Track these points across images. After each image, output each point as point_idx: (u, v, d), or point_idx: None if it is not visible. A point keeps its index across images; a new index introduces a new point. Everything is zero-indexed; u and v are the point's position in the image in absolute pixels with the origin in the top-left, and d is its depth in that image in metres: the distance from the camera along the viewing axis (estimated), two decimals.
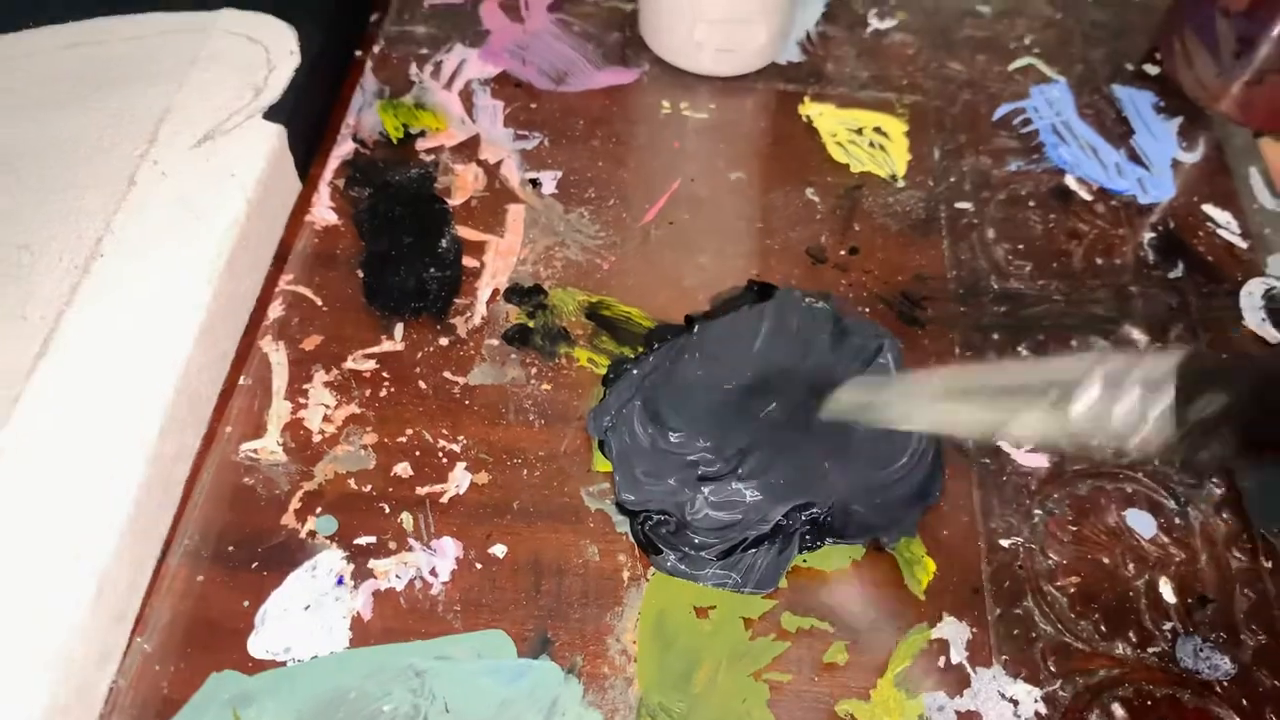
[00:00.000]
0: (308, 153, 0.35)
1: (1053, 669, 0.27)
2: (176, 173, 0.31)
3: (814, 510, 0.27)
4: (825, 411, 0.28)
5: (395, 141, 0.35)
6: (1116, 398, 0.20)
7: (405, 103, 0.36)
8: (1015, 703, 0.26)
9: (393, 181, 0.34)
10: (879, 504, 0.28)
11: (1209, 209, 0.37)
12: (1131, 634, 0.27)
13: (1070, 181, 0.37)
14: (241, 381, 0.30)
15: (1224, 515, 0.29)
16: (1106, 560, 0.29)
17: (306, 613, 0.26)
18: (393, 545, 0.27)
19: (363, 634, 0.26)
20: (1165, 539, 0.29)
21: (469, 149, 0.36)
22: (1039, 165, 0.38)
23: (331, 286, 0.32)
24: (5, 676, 0.22)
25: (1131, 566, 0.28)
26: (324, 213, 0.33)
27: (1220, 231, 0.37)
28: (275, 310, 0.31)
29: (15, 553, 0.24)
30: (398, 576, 0.27)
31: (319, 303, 0.31)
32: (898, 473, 0.28)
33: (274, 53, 0.34)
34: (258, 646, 0.25)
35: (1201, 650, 0.27)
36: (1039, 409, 0.21)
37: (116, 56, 0.34)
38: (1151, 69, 0.42)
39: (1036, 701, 0.26)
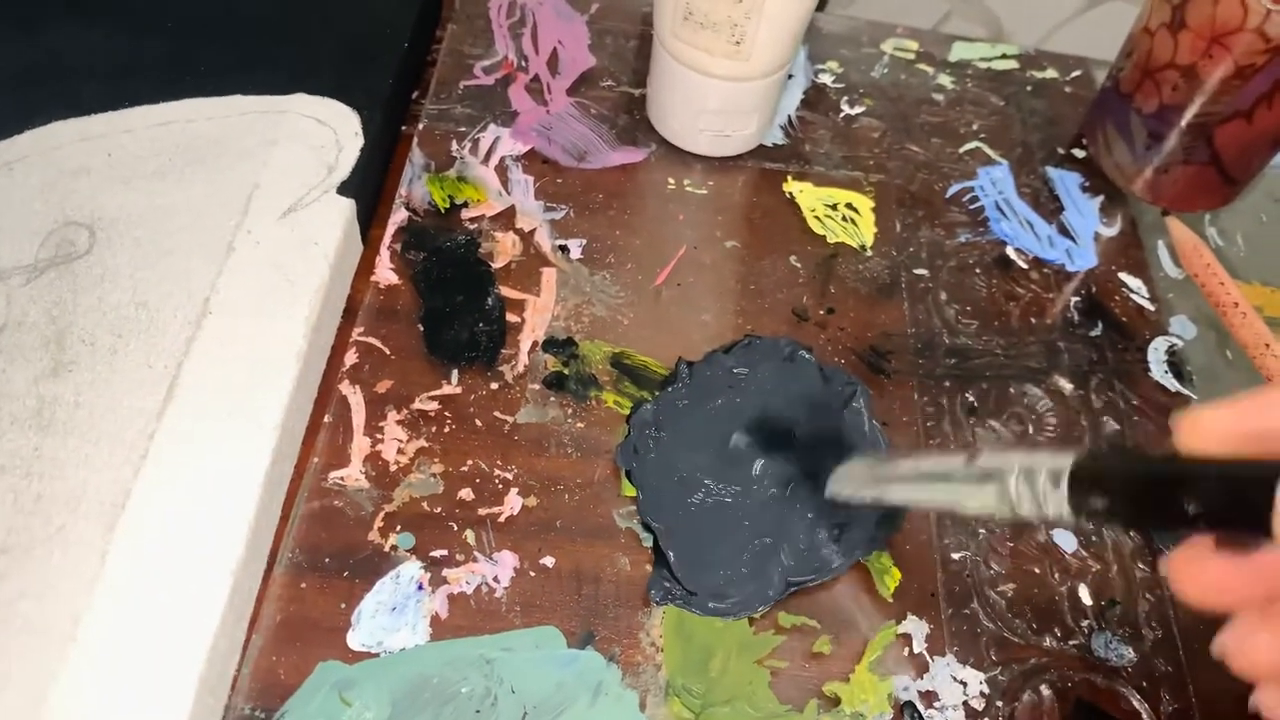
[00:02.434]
0: (367, 219, 0.40)
1: (994, 658, 0.33)
2: (268, 241, 0.36)
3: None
4: (830, 492, 0.32)
5: (443, 211, 0.41)
6: (1031, 485, 0.24)
7: (449, 176, 0.42)
8: (964, 684, 0.32)
9: (443, 247, 0.40)
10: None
11: (1124, 276, 0.44)
12: (1056, 629, 0.34)
13: (1010, 252, 0.44)
14: (325, 420, 0.35)
15: (1131, 535, 0.36)
16: (1037, 570, 0.35)
17: (393, 613, 0.31)
18: (460, 557, 0.33)
19: (441, 630, 0.31)
20: (1084, 553, 0.36)
21: (506, 218, 0.41)
22: (984, 237, 0.45)
23: (396, 338, 0.37)
24: (169, 663, 0.28)
25: (1056, 575, 0.35)
26: (386, 273, 0.39)
27: (1132, 296, 0.44)
28: (350, 358, 0.36)
29: (166, 563, 0.29)
30: (467, 583, 0.32)
31: (387, 352, 0.37)
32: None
33: (341, 134, 0.40)
34: (355, 641, 0.31)
35: (1111, 643, 0.34)
36: (977, 491, 0.26)
37: (203, 135, 0.39)
38: (1079, 153, 0.49)
39: (981, 684, 0.32)
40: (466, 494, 0.34)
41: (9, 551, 0.29)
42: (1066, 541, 0.36)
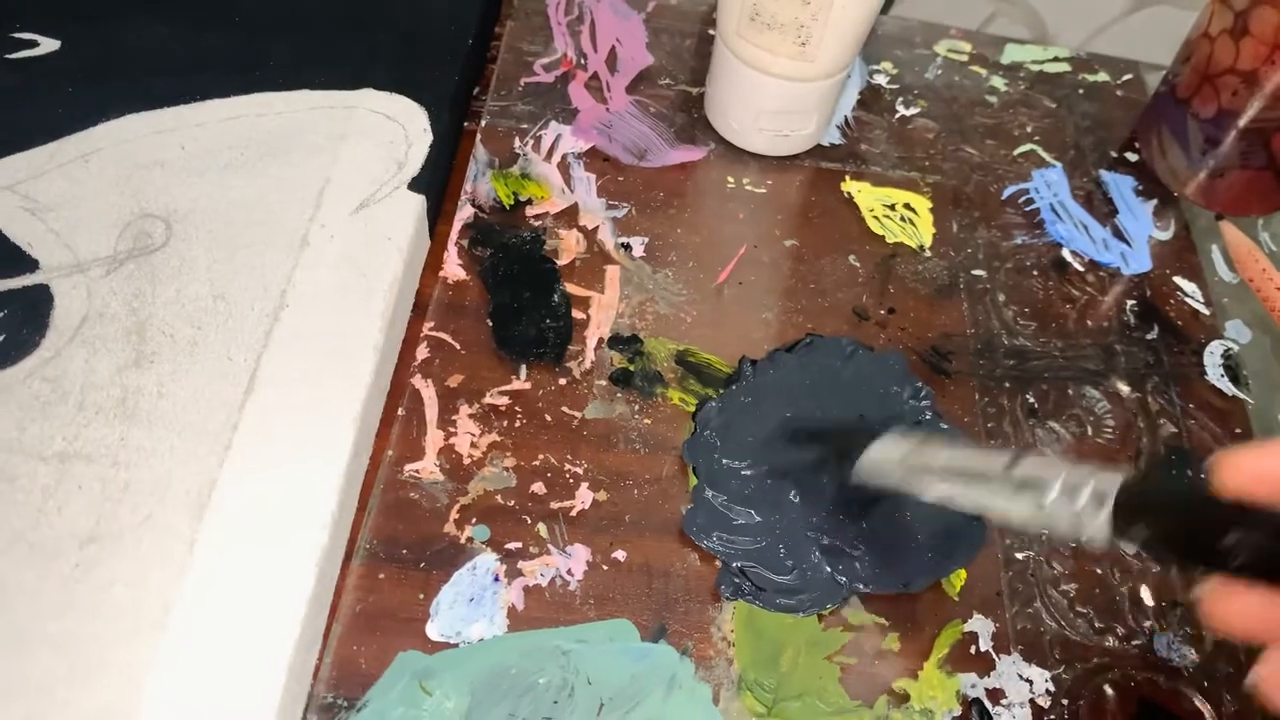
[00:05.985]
0: (434, 214, 0.40)
1: (1057, 656, 0.33)
2: (341, 235, 0.37)
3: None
4: (856, 472, 0.30)
5: (507, 208, 0.41)
6: (1072, 502, 0.24)
7: (514, 173, 0.42)
8: (1030, 682, 0.33)
9: (509, 243, 0.40)
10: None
11: (1178, 280, 0.44)
12: (1118, 629, 0.34)
13: (1066, 254, 0.45)
14: (399, 413, 0.36)
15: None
16: (1099, 571, 0.35)
17: (471, 604, 0.32)
18: (534, 550, 0.33)
19: (517, 621, 0.32)
20: (1145, 554, 0.36)
21: (570, 216, 0.42)
22: (1040, 240, 0.45)
23: (466, 333, 0.38)
24: (259, 651, 0.28)
25: (1118, 575, 0.35)
26: (454, 269, 0.39)
27: (1187, 300, 0.44)
28: (422, 352, 0.37)
29: (253, 552, 0.30)
30: (541, 575, 0.33)
31: (457, 346, 0.37)
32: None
33: (410, 130, 0.40)
34: (434, 631, 0.31)
35: (1173, 644, 0.34)
36: (1013, 498, 0.25)
37: (274, 129, 0.40)
38: (1132, 156, 0.49)
39: (1047, 682, 0.33)
40: (538, 488, 0.34)
41: (99, 540, 0.30)
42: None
